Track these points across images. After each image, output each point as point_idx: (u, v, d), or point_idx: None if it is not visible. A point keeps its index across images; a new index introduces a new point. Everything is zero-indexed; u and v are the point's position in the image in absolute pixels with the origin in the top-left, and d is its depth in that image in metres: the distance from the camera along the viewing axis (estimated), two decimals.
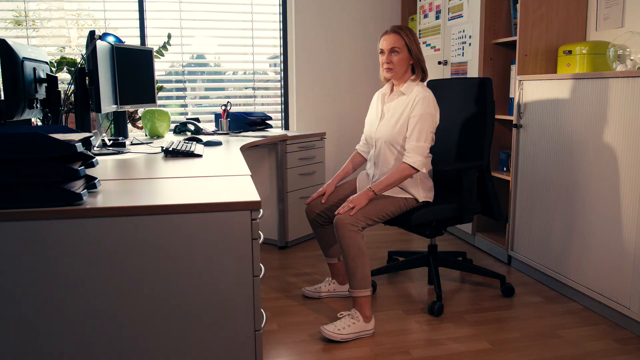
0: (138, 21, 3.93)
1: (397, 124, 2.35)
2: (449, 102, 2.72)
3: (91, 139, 1.41)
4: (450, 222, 2.58)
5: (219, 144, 2.71)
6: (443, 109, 2.68)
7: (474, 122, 2.57)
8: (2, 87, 1.92)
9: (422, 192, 2.42)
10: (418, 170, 2.30)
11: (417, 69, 2.38)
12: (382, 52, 2.38)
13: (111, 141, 2.56)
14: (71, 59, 3.18)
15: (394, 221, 2.42)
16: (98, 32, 2.37)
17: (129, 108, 2.89)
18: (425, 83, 2.44)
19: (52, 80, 2.15)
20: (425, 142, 2.30)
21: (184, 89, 4.15)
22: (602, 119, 2.32)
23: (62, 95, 2.21)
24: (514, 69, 3.02)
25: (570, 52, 2.74)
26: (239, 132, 3.45)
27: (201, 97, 4.28)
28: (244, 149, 2.76)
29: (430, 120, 2.31)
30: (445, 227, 2.63)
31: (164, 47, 3.58)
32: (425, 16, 3.91)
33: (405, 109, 2.34)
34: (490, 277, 2.78)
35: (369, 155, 2.58)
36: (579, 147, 2.47)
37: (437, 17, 3.70)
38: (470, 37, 3.30)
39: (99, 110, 2.28)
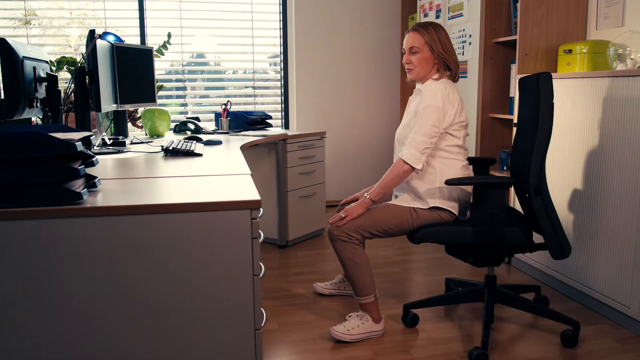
0: (138, 20, 3.94)
1: (405, 121, 2.23)
2: (521, 104, 2.25)
3: (91, 138, 1.41)
4: (487, 251, 2.06)
5: (219, 143, 2.71)
6: (520, 112, 2.27)
7: (529, 128, 2.06)
8: (2, 86, 1.92)
9: (437, 196, 2.13)
10: (412, 167, 2.08)
11: (441, 68, 2.19)
12: (403, 52, 2.24)
13: (111, 140, 2.56)
14: (71, 58, 3.18)
15: (408, 236, 2.16)
16: (98, 31, 2.37)
17: (129, 107, 2.89)
18: (454, 81, 2.22)
19: (52, 79, 2.15)
20: (424, 135, 2.07)
21: (184, 88, 4.15)
22: (602, 118, 2.32)
23: (62, 95, 2.21)
24: (514, 68, 3.02)
25: (570, 51, 2.74)
26: (239, 132, 3.45)
27: (201, 97, 4.28)
28: (244, 148, 2.76)
29: (434, 114, 2.08)
30: (496, 257, 2.07)
31: (164, 46, 3.58)
32: (425, 15, 3.90)
33: (416, 105, 2.18)
34: (564, 323, 2.17)
35: None
36: (578, 146, 2.47)
37: (438, 16, 3.70)
38: (470, 36, 3.30)
39: (99, 109, 2.28)
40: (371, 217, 2.13)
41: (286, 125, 4.43)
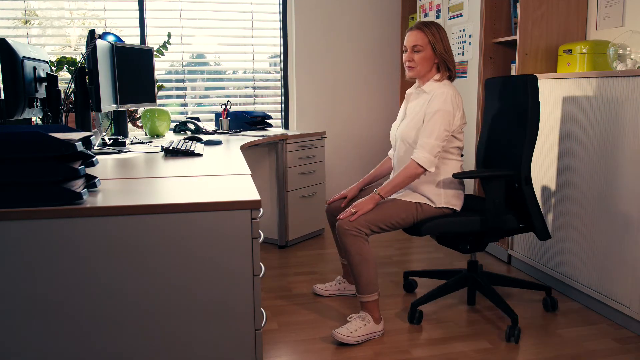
0: (138, 20, 3.93)
1: (413, 122, 2.26)
2: (496, 103, 2.46)
3: (91, 138, 1.41)
4: (480, 238, 2.27)
5: (219, 143, 2.71)
6: (490, 110, 2.51)
7: (515, 125, 2.28)
8: (2, 86, 1.92)
9: (443, 197, 2.23)
10: (425, 169, 2.15)
11: (442, 67, 2.25)
12: (405, 49, 2.27)
13: (111, 140, 2.56)
14: (71, 58, 3.18)
15: (408, 230, 2.25)
16: (98, 31, 2.37)
17: (129, 107, 2.89)
18: (452, 82, 2.29)
19: (52, 80, 2.15)
20: (437, 139, 2.15)
21: (184, 88, 4.15)
22: (602, 118, 2.32)
23: (62, 95, 2.21)
24: (514, 68, 3.01)
25: (570, 51, 2.74)
26: (239, 132, 3.45)
27: (201, 97, 4.28)
28: (244, 148, 2.76)
29: (446, 118, 2.15)
30: (481, 243, 2.30)
31: (164, 46, 3.58)
32: (426, 15, 3.90)
33: (423, 106, 2.23)
34: (537, 289, 2.55)
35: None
36: (578, 146, 2.47)
37: (438, 16, 3.70)
38: (470, 36, 3.30)
39: (99, 109, 2.28)
40: (381, 212, 2.17)
41: (286, 125, 4.43)
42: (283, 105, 4.40)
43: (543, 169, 2.72)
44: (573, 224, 2.52)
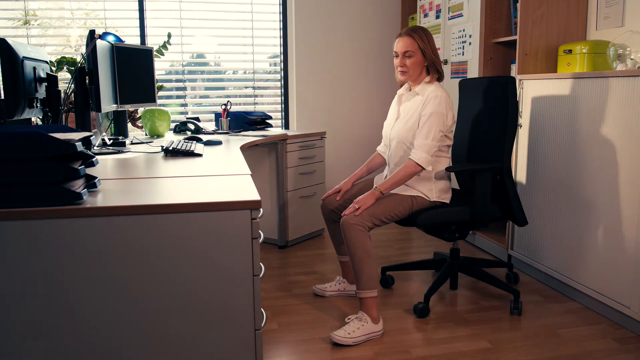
0: (138, 20, 3.93)
1: (409, 123, 2.36)
2: (473, 102, 2.64)
3: (91, 138, 1.41)
4: (467, 226, 2.46)
5: (219, 143, 2.71)
6: (467, 109, 2.66)
7: (496, 122, 2.46)
8: (2, 86, 1.92)
9: (435, 192, 2.38)
10: (423, 168, 2.28)
11: (431, 70, 2.37)
12: (396, 55, 2.38)
13: (111, 140, 2.56)
14: (71, 58, 3.18)
15: (402, 221, 2.38)
16: (98, 32, 2.37)
17: (129, 107, 2.89)
18: (441, 83, 2.41)
19: (52, 80, 2.15)
20: (433, 140, 2.28)
21: (184, 89, 4.15)
22: (603, 119, 2.32)
23: (62, 95, 2.21)
24: (514, 68, 3.02)
25: (570, 51, 2.74)
26: (239, 132, 3.45)
27: (201, 97, 4.28)
28: (244, 149, 2.76)
29: (440, 119, 2.29)
30: (466, 231, 2.50)
31: (164, 46, 3.58)
32: (426, 15, 3.90)
33: (418, 108, 2.34)
34: (502, 267, 2.95)
35: (386, 156, 2.57)
36: (579, 147, 2.47)
37: (437, 17, 3.70)
38: (470, 36, 3.30)
39: (99, 109, 2.28)
40: (382, 206, 2.28)
41: (286, 125, 4.43)
42: (283, 105, 4.40)
43: (551, 170, 2.72)
44: (573, 223, 2.52)
